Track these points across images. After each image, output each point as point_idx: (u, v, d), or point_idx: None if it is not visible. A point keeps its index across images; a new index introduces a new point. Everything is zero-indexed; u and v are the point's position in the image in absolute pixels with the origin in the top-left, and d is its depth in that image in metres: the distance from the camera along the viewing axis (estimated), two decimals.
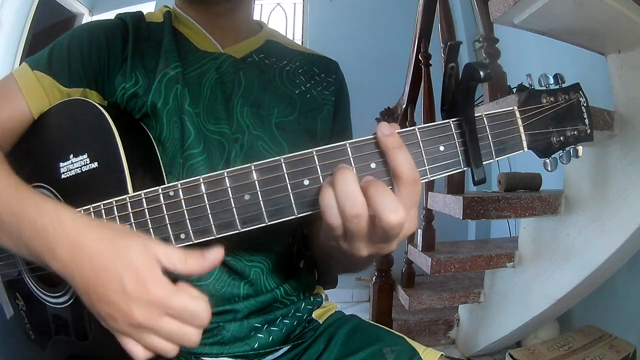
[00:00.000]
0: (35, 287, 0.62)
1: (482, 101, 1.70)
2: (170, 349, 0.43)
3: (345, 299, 3.05)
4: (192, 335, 0.43)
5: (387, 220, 0.40)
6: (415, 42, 1.99)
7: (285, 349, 0.69)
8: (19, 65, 0.65)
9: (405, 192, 0.43)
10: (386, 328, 0.72)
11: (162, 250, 0.43)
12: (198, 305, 0.42)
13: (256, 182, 0.43)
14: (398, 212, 0.40)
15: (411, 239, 1.86)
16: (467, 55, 2.86)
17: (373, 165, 0.44)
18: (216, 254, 0.44)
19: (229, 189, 0.43)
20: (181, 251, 0.44)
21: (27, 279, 0.63)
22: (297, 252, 0.76)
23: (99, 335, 0.57)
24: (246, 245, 0.66)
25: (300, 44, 3.14)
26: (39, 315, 0.63)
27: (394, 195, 0.42)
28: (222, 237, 0.47)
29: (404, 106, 2.09)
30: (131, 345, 0.43)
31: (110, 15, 0.71)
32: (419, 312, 2.10)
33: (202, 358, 0.65)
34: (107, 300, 0.42)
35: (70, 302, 0.58)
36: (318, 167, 0.43)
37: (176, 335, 0.42)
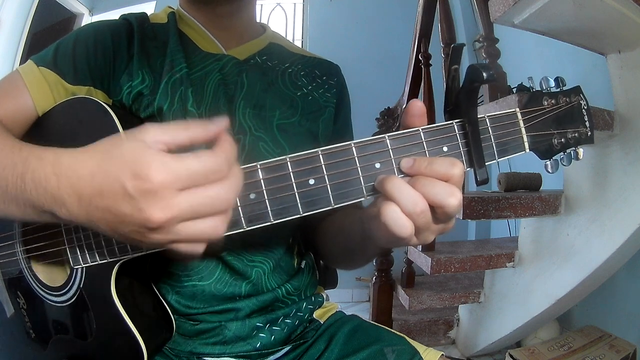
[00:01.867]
0: (36, 285, 0.62)
1: (482, 101, 1.71)
2: (210, 226, 0.38)
3: (345, 299, 3.05)
4: (215, 228, 0.38)
5: (449, 205, 0.41)
6: (415, 42, 1.99)
7: (286, 349, 0.70)
8: (23, 63, 0.64)
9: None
10: (387, 328, 0.72)
11: (160, 129, 0.38)
12: (206, 160, 0.37)
13: (262, 180, 0.43)
14: (455, 194, 0.41)
15: None
16: (467, 55, 2.86)
17: (377, 165, 0.44)
18: (219, 121, 0.40)
19: (238, 191, 0.44)
20: (181, 123, 0.40)
21: (28, 277, 0.63)
22: (298, 252, 0.77)
23: (101, 334, 0.57)
24: (247, 245, 0.66)
25: (300, 44, 3.14)
26: (39, 313, 0.63)
27: (441, 181, 0.42)
28: (225, 235, 0.47)
29: (404, 106, 2.09)
30: (182, 247, 0.39)
31: (110, 15, 0.72)
32: (419, 312, 2.10)
33: (204, 358, 0.65)
34: (120, 216, 0.37)
35: (72, 300, 0.58)
36: (323, 166, 0.44)
37: (204, 203, 0.37)
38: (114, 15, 0.72)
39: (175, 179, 0.36)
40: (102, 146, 0.39)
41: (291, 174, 0.43)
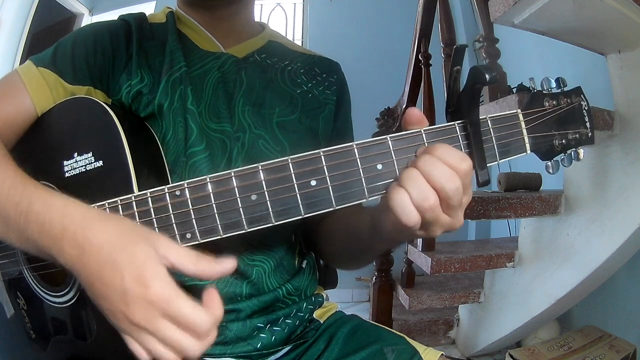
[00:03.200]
0: (36, 286, 0.62)
1: (482, 101, 1.71)
2: (170, 357, 0.41)
3: (345, 299, 3.04)
4: (190, 346, 0.41)
5: (448, 189, 0.42)
6: (415, 42, 1.99)
7: (286, 349, 0.70)
8: (23, 63, 0.64)
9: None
10: (387, 328, 0.72)
11: (172, 248, 0.42)
12: (197, 315, 0.40)
13: (263, 182, 0.43)
14: (454, 180, 0.42)
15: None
16: (467, 55, 2.85)
17: (379, 167, 0.44)
18: (230, 263, 0.43)
19: (235, 188, 0.44)
20: (193, 252, 0.43)
21: (29, 277, 0.63)
22: (299, 251, 0.77)
23: (101, 335, 0.57)
24: (248, 245, 0.66)
25: (300, 44, 3.14)
26: (40, 314, 0.63)
27: (444, 165, 0.42)
28: (227, 235, 0.47)
29: (404, 106, 2.08)
30: (134, 345, 0.42)
31: (110, 15, 0.72)
32: (419, 312, 2.10)
33: (205, 358, 0.65)
34: (107, 297, 0.41)
35: (73, 301, 0.58)
36: (325, 167, 0.44)
37: (174, 342, 0.40)
38: (114, 15, 0.72)
39: (168, 307, 0.40)
40: (117, 226, 0.43)
41: (293, 175, 0.43)
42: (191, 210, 0.46)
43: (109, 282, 0.40)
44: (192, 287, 0.64)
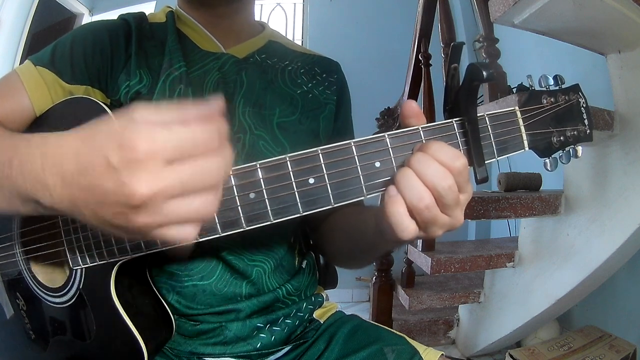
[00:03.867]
0: (36, 286, 0.62)
1: (482, 101, 1.71)
2: (201, 204, 0.35)
3: (345, 299, 3.05)
4: (207, 204, 0.35)
5: (441, 188, 0.41)
6: (415, 42, 1.99)
7: (286, 349, 0.70)
8: (23, 63, 0.64)
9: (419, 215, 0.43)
10: (387, 328, 0.72)
11: (146, 108, 0.35)
12: (196, 130, 0.34)
13: (261, 180, 0.43)
14: (447, 179, 0.41)
15: None
16: (467, 55, 2.86)
17: (377, 164, 0.44)
18: (215, 102, 0.37)
19: (234, 187, 0.43)
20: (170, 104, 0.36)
21: (28, 278, 0.63)
22: (299, 251, 0.76)
23: (100, 335, 0.57)
24: (248, 245, 0.66)
25: (300, 44, 3.14)
26: (39, 315, 0.63)
27: (437, 163, 0.42)
28: (226, 235, 0.46)
29: None
30: (171, 232, 0.35)
31: (110, 15, 0.72)
32: (419, 312, 2.10)
33: (205, 358, 0.65)
34: (103, 195, 0.34)
35: (72, 301, 0.58)
36: (323, 165, 0.44)
37: (193, 177, 0.34)
38: (113, 15, 0.71)
39: (163, 148, 0.33)
40: (90, 124, 0.37)
41: (291, 173, 0.43)
42: None
43: (94, 170, 0.34)
44: (192, 288, 0.64)
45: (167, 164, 0.33)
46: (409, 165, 0.42)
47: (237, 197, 0.43)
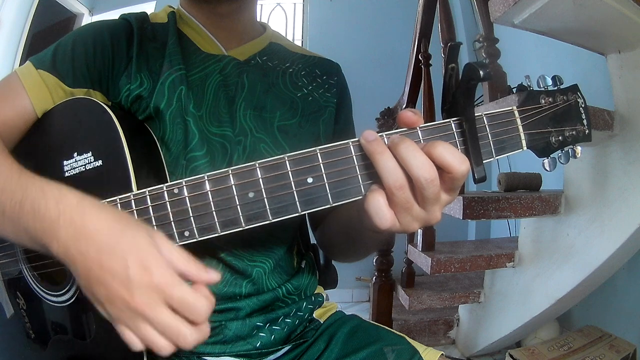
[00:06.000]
0: (36, 285, 0.62)
1: (482, 101, 1.71)
2: (164, 345, 0.41)
3: (345, 299, 3.04)
4: (187, 335, 0.41)
5: (422, 179, 0.41)
6: (415, 42, 1.99)
7: (286, 348, 0.70)
8: (23, 63, 0.64)
9: (392, 197, 0.43)
10: (387, 328, 0.73)
11: (167, 242, 0.42)
12: (198, 300, 0.41)
13: (260, 179, 0.43)
14: (430, 172, 0.42)
15: (411, 239, 1.86)
16: (467, 55, 2.86)
17: None
18: (215, 275, 0.43)
19: (233, 186, 0.44)
20: (184, 251, 0.43)
21: (28, 277, 0.63)
22: (298, 251, 0.77)
23: (100, 334, 0.57)
24: (248, 245, 0.66)
25: (300, 44, 3.14)
26: (39, 314, 0.63)
27: (423, 155, 0.42)
28: (226, 234, 0.47)
29: (404, 106, 2.08)
30: (128, 334, 0.41)
31: (110, 15, 0.71)
32: (419, 312, 2.10)
33: (204, 358, 0.65)
34: (107, 283, 0.40)
35: (72, 300, 0.58)
36: (321, 165, 0.44)
37: (171, 329, 0.40)
38: (114, 15, 0.71)
39: (170, 293, 0.40)
40: (113, 213, 0.43)
41: (289, 172, 0.44)
42: (189, 208, 0.47)
43: (109, 267, 0.40)
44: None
45: (165, 305, 0.40)
46: (394, 150, 0.43)
47: (236, 197, 0.43)
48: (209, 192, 0.46)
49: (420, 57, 1.93)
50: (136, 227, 0.42)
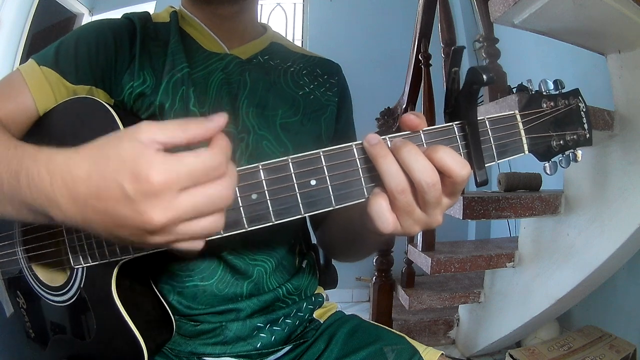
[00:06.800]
0: (36, 284, 0.62)
1: (482, 101, 1.71)
2: (213, 222, 0.38)
3: (345, 299, 3.04)
4: (220, 191, 0.37)
5: (423, 182, 0.41)
6: (415, 42, 1.99)
7: (286, 348, 0.70)
8: (26, 61, 0.64)
9: (394, 200, 0.43)
10: (387, 328, 0.73)
11: (155, 128, 0.37)
12: (206, 158, 0.36)
13: (263, 181, 0.43)
14: (431, 176, 0.42)
15: (411, 239, 1.86)
16: (467, 55, 2.86)
17: None
18: (220, 117, 0.39)
19: (236, 187, 0.44)
20: (177, 121, 0.38)
21: (29, 276, 0.63)
22: (299, 251, 0.77)
23: (100, 334, 0.57)
24: (249, 245, 0.66)
25: (301, 44, 3.13)
26: (39, 313, 0.63)
27: (425, 159, 0.42)
28: (227, 235, 0.47)
29: (404, 106, 2.08)
30: (181, 246, 0.39)
31: (110, 15, 0.71)
32: (419, 312, 2.10)
33: (205, 358, 0.65)
34: (120, 219, 0.36)
35: (72, 300, 0.58)
36: (325, 167, 0.44)
37: (205, 203, 0.36)
38: (113, 15, 0.71)
39: (177, 179, 0.35)
40: (97, 146, 0.38)
41: (293, 174, 0.44)
42: None
43: (109, 197, 0.36)
44: (193, 289, 0.64)
45: (180, 191, 0.36)
46: (397, 153, 0.43)
47: (239, 198, 0.43)
48: None
49: (420, 57, 1.93)
50: (117, 142, 0.37)
